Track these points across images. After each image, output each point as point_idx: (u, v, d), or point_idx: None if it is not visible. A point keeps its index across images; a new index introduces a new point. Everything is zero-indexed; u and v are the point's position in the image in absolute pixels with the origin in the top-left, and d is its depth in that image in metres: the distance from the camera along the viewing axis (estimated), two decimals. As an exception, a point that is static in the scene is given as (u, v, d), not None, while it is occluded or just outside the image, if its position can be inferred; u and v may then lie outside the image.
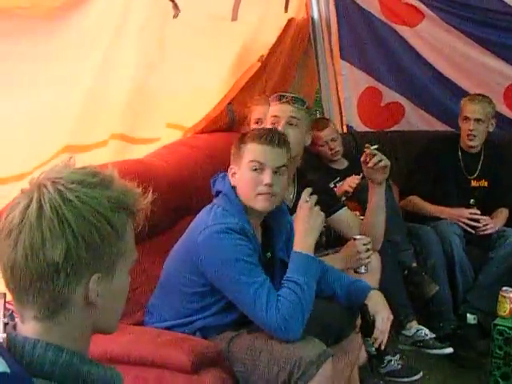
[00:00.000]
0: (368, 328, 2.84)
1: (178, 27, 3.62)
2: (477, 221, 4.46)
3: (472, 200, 4.53)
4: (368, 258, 3.29)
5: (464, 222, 4.46)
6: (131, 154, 3.67)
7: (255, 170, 2.73)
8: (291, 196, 3.43)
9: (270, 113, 3.40)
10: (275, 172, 2.74)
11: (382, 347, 2.84)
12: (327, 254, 3.45)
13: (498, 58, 5.11)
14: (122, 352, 2.62)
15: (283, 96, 3.39)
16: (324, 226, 3.27)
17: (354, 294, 2.96)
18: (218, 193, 2.83)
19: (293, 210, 2.99)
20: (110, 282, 1.41)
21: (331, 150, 4.63)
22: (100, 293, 1.39)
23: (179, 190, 3.62)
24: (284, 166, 2.77)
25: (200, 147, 4.01)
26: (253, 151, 2.74)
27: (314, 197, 2.78)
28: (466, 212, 4.49)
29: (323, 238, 3.62)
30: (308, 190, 2.80)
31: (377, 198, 3.42)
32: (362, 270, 3.32)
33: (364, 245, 3.28)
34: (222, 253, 2.63)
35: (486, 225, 4.48)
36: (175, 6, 3.48)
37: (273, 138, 2.75)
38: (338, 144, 4.67)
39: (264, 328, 2.62)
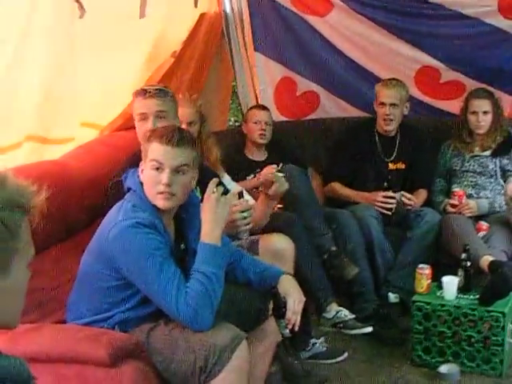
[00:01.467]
0: (280, 310, 2.90)
1: (86, 27, 3.64)
2: (393, 202, 4.59)
3: (385, 183, 4.65)
4: (246, 225, 3.29)
5: (378, 205, 4.58)
6: (46, 155, 3.67)
7: (156, 169, 2.76)
8: None
9: (136, 110, 3.40)
10: (176, 171, 2.77)
11: (296, 328, 2.91)
12: None
13: (407, 43, 5.25)
14: (41, 351, 2.62)
15: (146, 91, 3.39)
16: None
17: (267, 280, 3.03)
18: (129, 189, 2.86)
19: None
20: (5, 278, 1.43)
21: (262, 130, 4.73)
22: None
23: (96, 189, 3.63)
24: (185, 165, 2.80)
25: (116, 145, 4.02)
26: (154, 150, 2.77)
27: (221, 188, 2.83)
28: (379, 195, 4.61)
29: None
30: (214, 181, 2.84)
31: (266, 209, 3.60)
32: (243, 236, 3.38)
33: (241, 212, 3.28)
34: (132, 247, 2.66)
35: (410, 199, 4.63)
36: (81, 7, 3.50)
37: (173, 137, 2.77)
38: (268, 131, 4.80)
39: (176, 320, 2.67)
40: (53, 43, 3.48)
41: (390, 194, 4.60)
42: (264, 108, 4.99)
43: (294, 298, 2.93)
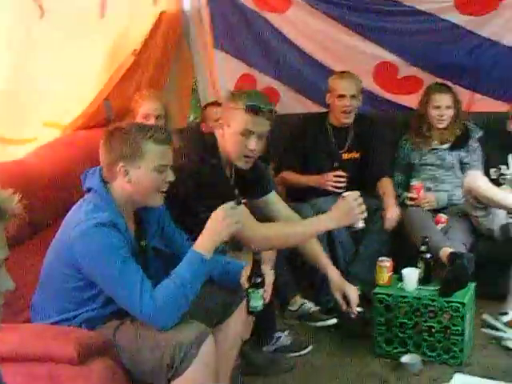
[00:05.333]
0: (258, 278, 2.96)
1: (46, 27, 3.65)
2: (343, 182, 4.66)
3: (336, 164, 4.73)
4: (362, 212, 3.33)
5: (330, 185, 4.65)
6: (8, 156, 3.66)
7: (161, 172, 2.83)
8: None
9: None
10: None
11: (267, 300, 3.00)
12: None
13: (365, 39, 5.32)
14: (10, 351, 2.64)
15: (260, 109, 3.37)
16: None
17: (230, 273, 3.09)
18: (89, 189, 2.87)
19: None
20: None
21: None
22: None
23: (59, 189, 3.66)
24: None
25: (78, 144, 4.03)
26: (158, 152, 2.82)
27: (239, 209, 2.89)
28: (330, 175, 4.67)
29: None
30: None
31: None
32: (360, 224, 3.37)
33: (355, 200, 3.31)
34: (94, 247, 2.67)
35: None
36: (40, 7, 3.50)
37: (169, 136, 2.87)
38: None
39: (138, 317, 2.69)
40: (13, 43, 3.48)
41: (340, 172, 4.66)
42: (219, 105, 4.97)
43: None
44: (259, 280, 2.95)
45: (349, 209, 3.31)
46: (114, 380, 2.66)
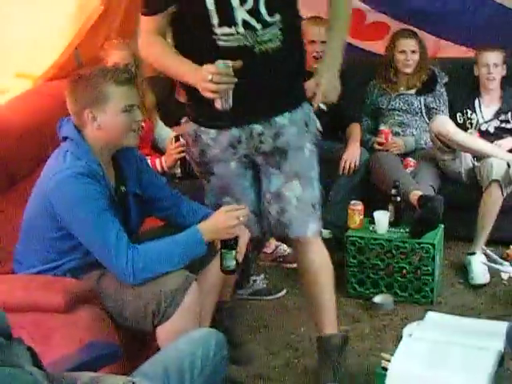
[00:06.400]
0: (230, 241, 2.90)
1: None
2: None
3: None
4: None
5: None
6: (-19, 108, 3.66)
7: (127, 111, 2.80)
8: None
9: None
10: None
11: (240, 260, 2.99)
12: None
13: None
14: None
15: None
16: None
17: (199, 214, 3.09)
18: (65, 138, 2.87)
19: None
20: None
21: None
22: None
23: (34, 139, 3.64)
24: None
25: (51, 94, 3.99)
26: (116, 93, 2.78)
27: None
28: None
29: None
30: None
31: None
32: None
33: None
34: (71, 196, 2.69)
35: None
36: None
37: (128, 76, 2.83)
38: None
39: (111, 270, 2.73)
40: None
41: None
42: None
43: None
44: (232, 242, 2.89)
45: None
46: (101, 327, 2.71)
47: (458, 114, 4.83)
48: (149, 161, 3.85)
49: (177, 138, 4.02)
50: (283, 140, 3.02)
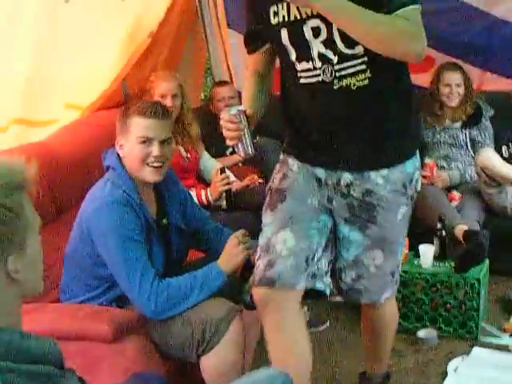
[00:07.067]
0: (247, 272, 2.90)
1: (69, 9, 3.70)
2: None
3: None
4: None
5: None
6: (32, 138, 3.72)
7: (143, 142, 2.83)
8: None
9: None
10: (162, 143, 2.87)
11: None
12: None
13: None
14: (44, 330, 2.60)
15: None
16: None
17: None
18: (108, 168, 2.93)
19: None
20: (24, 255, 1.49)
21: (227, 106, 4.79)
22: (19, 268, 1.47)
23: (82, 169, 3.71)
24: (170, 137, 2.92)
25: (99, 125, 4.07)
26: (138, 124, 2.83)
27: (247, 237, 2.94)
28: None
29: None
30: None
31: None
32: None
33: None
34: (105, 224, 2.74)
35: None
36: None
37: (157, 110, 2.86)
38: (235, 102, 4.82)
39: (133, 302, 2.77)
40: (38, 27, 3.54)
41: None
42: (225, 83, 5.05)
43: None
44: (247, 274, 2.89)
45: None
46: (147, 357, 2.73)
47: (504, 148, 4.78)
48: (194, 192, 3.90)
49: (222, 170, 4.05)
50: (375, 198, 2.62)
